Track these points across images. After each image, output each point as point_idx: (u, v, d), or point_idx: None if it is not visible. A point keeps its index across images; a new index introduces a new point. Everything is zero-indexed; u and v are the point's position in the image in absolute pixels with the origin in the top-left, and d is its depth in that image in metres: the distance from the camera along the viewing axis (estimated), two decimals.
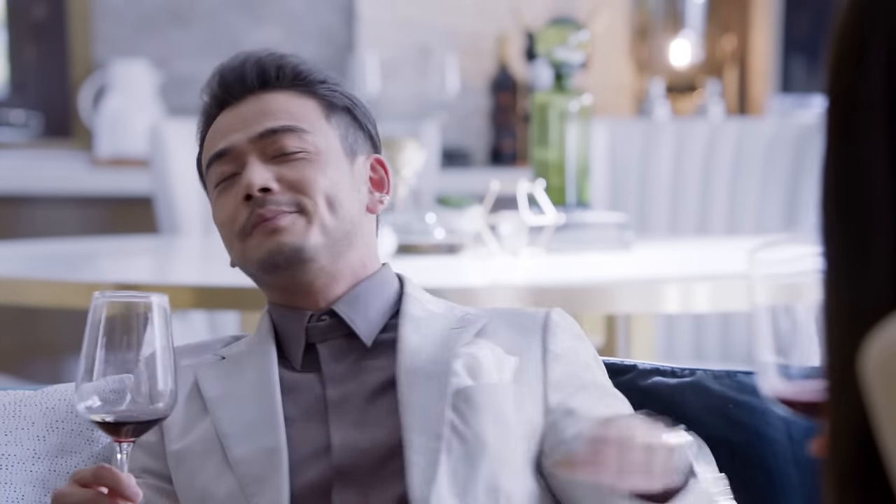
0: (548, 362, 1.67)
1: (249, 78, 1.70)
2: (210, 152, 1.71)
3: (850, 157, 0.89)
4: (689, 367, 1.83)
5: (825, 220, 0.91)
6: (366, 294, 1.69)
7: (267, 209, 1.64)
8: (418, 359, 1.64)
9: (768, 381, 1.13)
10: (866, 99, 0.88)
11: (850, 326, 0.89)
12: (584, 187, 3.04)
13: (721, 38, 4.76)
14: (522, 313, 1.72)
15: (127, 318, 1.47)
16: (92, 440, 1.75)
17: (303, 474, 1.60)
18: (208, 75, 1.74)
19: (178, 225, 3.98)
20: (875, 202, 0.88)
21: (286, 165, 1.67)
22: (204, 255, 3.62)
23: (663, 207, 3.86)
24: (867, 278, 0.88)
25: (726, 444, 1.75)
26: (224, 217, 1.68)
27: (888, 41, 0.88)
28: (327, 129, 1.70)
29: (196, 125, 1.76)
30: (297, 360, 1.68)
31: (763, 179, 3.79)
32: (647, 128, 3.97)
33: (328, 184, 1.67)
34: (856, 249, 0.89)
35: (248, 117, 1.69)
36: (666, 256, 3.20)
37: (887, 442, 0.85)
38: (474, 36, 4.77)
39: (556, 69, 3.07)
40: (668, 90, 4.71)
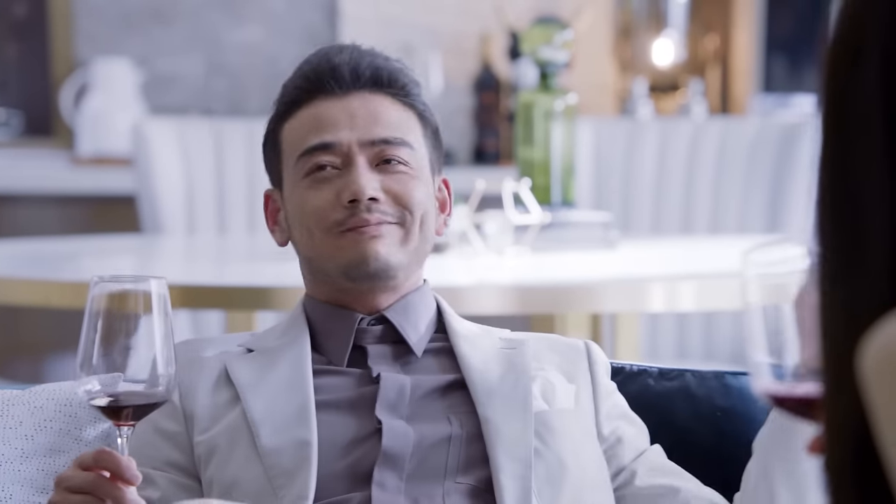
0: (599, 395, 1.71)
1: (363, 76, 1.69)
2: (310, 140, 1.69)
3: (846, 157, 0.89)
4: (678, 369, 1.84)
5: (821, 219, 0.91)
6: (415, 305, 1.71)
7: (373, 216, 1.66)
8: (488, 377, 1.67)
9: (761, 381, 1.13)
10: (861, 99, 0.88)
11: (847, 325, 0.89)
12: (569, 186, 3.04)
13: (703, 38, 4.77)
14: (560, 339, 1.77)
15: (125, 303, 1.48)
16: (80, 439, 1.75)
17: (332, 464, 1.60)
18: (300, 63, 1.71)
19: (162, 224, 3.97)
20: (870, 201, 0.88)
21: (390, 176, 1.68)
22: (187, 255, 3.61)
23: (647, 206, 3.87)
24: (863, 277, 0.88)
25: (714, 451, 1.75)
26: (314, 208, 1.67)
27: (883, 41, 0.88)
28: (424, 147, 1.72)
29: (281, 93, 1.73)
30: (341, 358, 1.69)
31: (746, 178, 3.80)
32: (630, 127, 3.97)
33: (425, 203, 1.70)
34: (852, 248, 0.89)
35: (359, 117, 1.69)
36: (651, 255, 3.20)
37: (884, 440, 0.85)
38: (457, 35, 4.77)
39: (541, 68, 3.07)
40: (650, 89, 4.72)
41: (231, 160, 4.02)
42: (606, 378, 1.74)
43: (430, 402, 1.66)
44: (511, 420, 1.62)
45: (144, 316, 1.47)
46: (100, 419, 1.76)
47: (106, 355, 1.47)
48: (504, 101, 4.74)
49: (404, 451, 1.60)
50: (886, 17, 0.88)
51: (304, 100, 1.71)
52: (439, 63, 4.66)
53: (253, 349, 1.72)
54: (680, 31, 4.76)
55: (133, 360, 1.48)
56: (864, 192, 0.88)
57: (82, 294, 2.80)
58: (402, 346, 1.70)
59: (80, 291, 2.79)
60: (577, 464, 1.63)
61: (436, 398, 1.66)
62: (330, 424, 1.63)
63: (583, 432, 1.67)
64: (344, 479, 1.60)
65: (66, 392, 1.77)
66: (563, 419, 1.66)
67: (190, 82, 4.82)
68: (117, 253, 3.54)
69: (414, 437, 1.61)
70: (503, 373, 1.67)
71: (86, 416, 1.76)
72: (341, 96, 1.69)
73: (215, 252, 3.65)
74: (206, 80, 4.83)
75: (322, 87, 1.69)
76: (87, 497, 1.48)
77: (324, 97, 1.69)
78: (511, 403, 1.64)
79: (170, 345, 1.47)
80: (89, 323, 1.48)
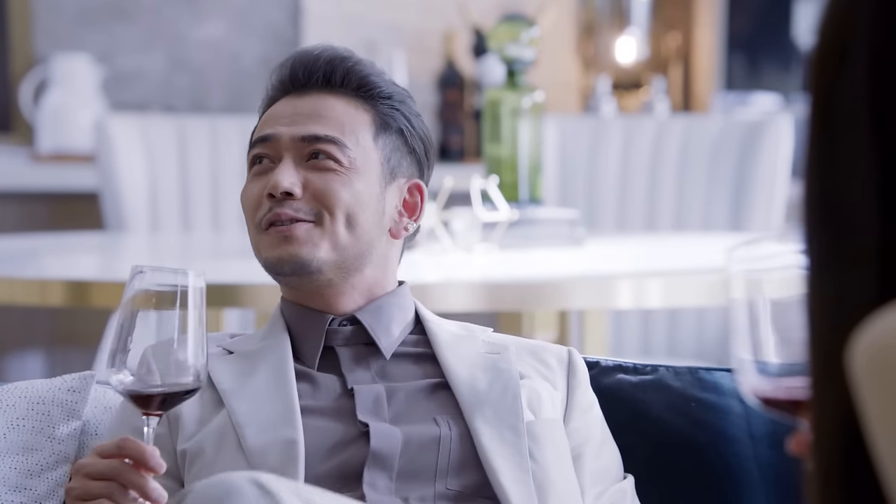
0: (570, 410, 1.71)
1: (316, 75, 1.72)
2: (257, 134, 1.74)
3: (833, 153, 0.90)
4: (651, 364, 1.85)
5: (808, 215, 0.91)
6: (388, 307, 1.72)
7: (284, 211, 1.68)
8: (476, 387, 1.67)
9: (747, 378, 1.13)
10: (849, 95, 0.89)
11: (834, 322, 0.90)
12: (536, 184, 3.05)
13: (666, 36, 4.79)
14: (545, 346, 1.77)
15: (161, 293, 1.48)
16: (54, 437, 1.74)
17: (318, 466, 1.61)
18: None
19: (125, 221, 3.94)
20: (858, 198, 0.88)
21: (315, 173, 1.70)
22: (152, 252, 3.59)
23: (611, 204, 3.88)
24: (851, 274, 0.89)
25: (689, 443, 1.76)
26: (248, 201, 1.72)
27: (870, 38, 0.89)
28: (371, 149, 1.72)
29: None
30: (313, 360, 1.69)
31: (709, 176, 3.82)
32: (594, 125, 3.98)
33: (351, 201, 1.69)
34: (839, 245, 0.90)
35: (300, 114, 1.71)
36: (617, 253, 3.21)
37: (875, 437, 0.86)
38: (420, 32, 4.77)
39: (508, 66, 3.08)
40: (614, 87, 4.73)
41: (195, 157, 4.00)
42: (584, 395, 1.73)
43: (414, 405, 1.66)
44: (504, 430, 1.63)
45: (179, 306, 1.48)
46: (73, 417, 1.76)
47: (138, 344, 1.48)
48: (468, 99, 4.75)
49: (393, 451, 1.60)
50: (873, 13, 0.89)
51: (272, 99, 1.76)
52: (403, 60, 4.66)
53: (233, 351, 1.72)
54: (643, 29, 4.77)
55: (165, 350, 1.48)
56: (851, 188, 0.89)
57: (46, 292, 2.79)
58: (372, 347, 1.70)
59: (43, 289, 2.77)
60: (562, 476, 1.64)
61: (420, 400, 1.66)
62: (314, 428, 1.63)
63: (565, 443, 1.68)
64: (331, 480, 1.60)
65: (38, 390, 1.76)
66: (549, 429, 1.66)
67: (151, 79, 4.79)
68: (80, 250, 3.52)
69: (401, 438, 1.61)
70: (490, 381, 1.67)
71: (59, 413, 1.75)
72: (296, 95, 1.73)
73: (180, 250, 3.64)
74: (168, 77, 4.81)
75: (284, 88, 1.74)
76: (109, 483, 1.48)
77: (285, 97, 1.74)
78: (502, 414, 1.64)
79: (202, 336, 1.49)
80: (124, 311, 1.49)
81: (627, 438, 1.71)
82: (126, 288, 1.50)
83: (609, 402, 1.73)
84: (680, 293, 2.66)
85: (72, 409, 1.76)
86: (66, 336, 4.56)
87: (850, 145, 0.89)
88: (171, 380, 1.49)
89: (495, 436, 1.62)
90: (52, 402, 1.76)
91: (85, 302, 3.00)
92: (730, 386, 1.80)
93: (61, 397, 1.76)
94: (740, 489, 1.74)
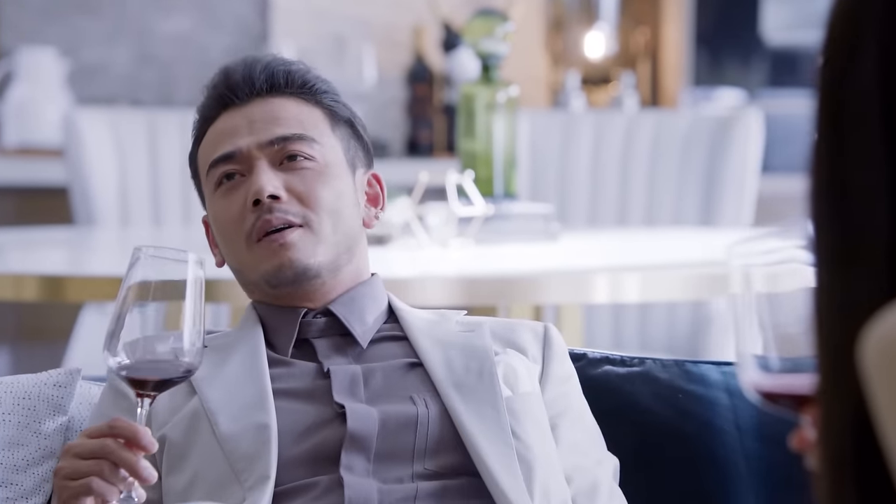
0: (545, 381, 1.71)
1: (258, 81, 1.70)
2: (214, 154, 1.71)
3: (842, 149, 0.90)
4: (638, 356, 1.86)
5: (816, 211, 0.92)
6: (361, 297, 1.71)
7: (275, 216, 1.66)
8: (452, 367, 1.66)
9: (747, 374, 1.13)
10: (858, 91, 0.89)
11: (844, 318, 0.90)
12: (511, 178, 3.05)
13: (634, 31, 4.81)
14: (514, 321, 1.77)
15: (161, 275, 1.48)
16: (40, 433, 1.73)
17: (292, 449, 1.60)
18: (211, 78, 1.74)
19: (95, 216, 3.93)
20: (867, 193, 0.89)
21: (294, 174, 1.69)
22: (122, 246, 3.58)
23: (583, 199, 3.89)
24: (860, 270, 0.89)
25: (676, 435, 1.77)
26: (228, 218, 1.69)
27: (879, 34, 0.89)
28: (333, 141, 1.72)
29: (194, 119, 1.75)
30: (286, 350, 1.69)
31: (680, 171, 3.84)
32: (565, 120, 3.99)
33: (333, 198, 1.69)
34: (848, 241, 0.90)
35: (257, 121, 1.69)
36: (592, 247, 3.22)
37: (885, 431, 0.86)
38: (389, 27, 4.77)
39: (482, 60, 3.08)
40: (582, 82, 4.74)
41: (165, 151, 3.99)
42: (561, 365, 1.72)
43: (389, 384, 1.65)
44: (483, 407, 1.62)
45: (178, 290, 1.48)
46: (59, 412, 1.75)
47: (136, 326, 1.48)
48: (438, 93, 4.75)
49: (370, 432, 1.59)
50: (881, 10, 0.89)
51: (210, 118, 1.73)
52: (372, 55, 4.65)
53: (206, 345, 1.71)
54: (611, 24, 4.79)
55: (162, 333, 1.49)
56: (860, 183, 0.89)
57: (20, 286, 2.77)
58: (348, 337, 1.69)
59: (17, 284, 2.76)
60: (544, 451, 1.63)
61: (396, 379, 1.66)
62: (288, 412, 1.63)
63: (544, 416, 1.67)
64: (306, 463, 1.59)
65: (24, 385, 1.75)
66: (528, 403, 1.65)
67: (118, 72, 4.77)
68: (49, 245, 3.50)
69: (378, 419, 1.61)
70: (466, 360, 1.66)
71: (44, 409, 1.75)
72: (241, 106, 1.71)
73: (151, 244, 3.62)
74: (135, 71, 4.79)
75: (222, 101, 1.72)
76: (99, 462, 1.47)
77: (226, 111, 1.72)
78: (480, 392, 1.64)
79: (200, 321, 1.49)
80: (124, 293, 1.48)
81: (615, 429, 1.72)
82: (126, 269, 1.50)
83: (596, 393, 1.74)
84: (656, 288, 2.68)
85: (58, 404, 1.75)
86: (32, 332, 4.54)
87: (858, 140, 0.89)
88: (166, 362, 1.48)
89: (475, 414, 1.61)
90: (38, 397, 1.75)
91: (59, 297, 2.98)
92: (716, 378, 1.82)
93: (47, 392, 1.75)
94: (727, 480, 1.76)
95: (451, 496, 1.58)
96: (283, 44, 4.64)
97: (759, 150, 3.80)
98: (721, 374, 1.82)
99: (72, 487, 1.49)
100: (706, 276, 2.73)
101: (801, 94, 5.34)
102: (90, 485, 1.48)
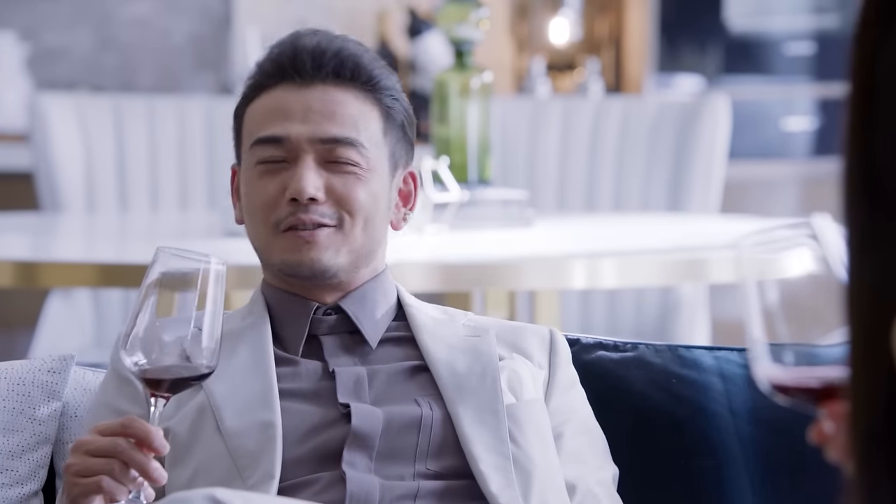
0: (551, 388, 1.71)
1: (326, 67, 1.67)
2: (262, 131, 1.69)
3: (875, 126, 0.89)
4: (631, 342, 1.86)
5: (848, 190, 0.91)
6: (372, 294, 1.71)
7: (309, 217, 1.65)
8: (455, 370, 1.66)
9: (762, 365, 1.12)
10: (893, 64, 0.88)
11: (878, 297, 0.90)
12: (485, 164, 3.06)
13: (598, 17, 4.82)
14: (525, 326, 1.77)
15: (182, 277, 1.48)
16: (34, 418, 1.73)
17: (295, 448, 1.60)
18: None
19: (61, 202, 3.90)
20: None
21: (336, 176, 1.67)
22: (88, 232, 3.55)
23: (552, 185, 3.90)
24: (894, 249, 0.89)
25: (670, 419, 1.78)
26: (261, 201, 1.68)
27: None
28: (382, 146, 1.70)
29: (251, 73, 1.72)
30: (297, 348, 1.69)
31: (648, 157, 3.85)
32: (533, 106, 4.00)
33: (370, 203, 1.68)
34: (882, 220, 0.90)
35: (314, 111, 1.67)
36: (566, 233, 3.23)
37: None
38: (353, 12, 4.75)
39: (456, 46, 3.08)
40: (548, 68, 4.75)
41: (131, 136, 3.96)
42: (566, 372, 1.73)
43: (394, 386, 1.66)
44: (484, 413, 1.63)
45: (199, 292, 1.48)
46: (53, 398, 1.74)
47: (153, 327, 1.48)
48: (403, 79, 4.73)
49: (374, 431, 1.60)
50: None
51: (268, 84, 1.70)
52: None
53: None
54: (576, 10, 4.80)
55: (179, 335, 1.48)
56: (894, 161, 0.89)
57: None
58: (357, 336, 1.70)
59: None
60: (544, 459, 1.64)
61: (400, 382, 1.66)
62: (292, 412, 1.63)
63: (547, 424, 1.68)
64: (310, 461, 1.60)
65: (18, 371, 1.75)
66: (531, 410, 1.66)
67: (78, 57, 4.74)
68: (13, 230, 3.47)
69: (383, 418, 1.61)
70: (470, 364, 1.67)
71: (39, 395, 1.74)
72: (302, 86, 1.67)
73: (117, 230, 3.60)
74: (96, 56, 4.75)
75: (284, 73, 1.68)
76: (110, 460, 1.47)
77: (286, 85, 1.68)
78: (482, 396, 1.64)
79: (218, 322, 1.49)
80: (144, 292, 1.48)
81: (609, 414, 1.73)
82: (149, 267, 1.49)
83: (590, 378, 1.74)
84: (633, 273, 2.69)
85: (52, 390, 1.75)
86: None
87: (891, 120, 0.89)
88: (183, 364, 1.48)
89: (476, 419, 1.62)
90: (33, 383, 1.74)
91: (27, 283, 2.96)
92: (710, 363, 1.83)
93: (41, 378, 1.75)
94: (721, 463, 1.77)
95: (452, 497, 1.59)
96: (247, 29, 4.62)
97: (727, 136, 3.83)
98: (714, 359, 1.83)
99: (82, 485, 1.48)
100: (682, 262, 2.75)
101: (760, 81, 5.37)
102: (101, 483, 1.47)
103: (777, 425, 1.77)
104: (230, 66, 4.71)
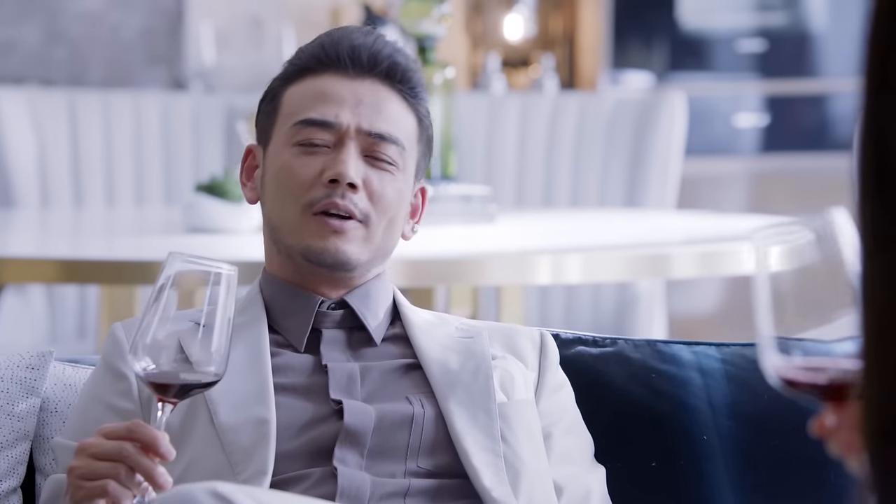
0: (541, 390, 1.73)
1: (379, 66, 1.69)
2: (310, 112, 1.69)
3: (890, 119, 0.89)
4: (611, 337, 1.87)
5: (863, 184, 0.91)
6: (376, 292, 1.72)
7: (343, 203, 1.66)
8: (448, 367, 1.67)
9: (771, 359, 1.13)
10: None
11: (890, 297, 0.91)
12: (448, 160, 3.06)
13: (552, 14, 4.84)
14: (513, 327, 1.78)
15: (193, 283, 1.47)
16: (13, 415, 1.71)
17: (289, 443, 1.61)
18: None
19: (14, 197, 3.86)
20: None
21: (375, 171, 1.69)
22: (42, 228, 3.53)
23: (510, 181, 3.91)
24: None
25: (650, 414, 1.79)
26: (296, 180, 1.68)
27: None
28: (413, 152, 1.73)
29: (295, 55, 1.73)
30: (300, 341, 1.69)
31: (605, 153, 3.87)
32: (490, 102, 4.01)
33: (397, 204, 1.70)
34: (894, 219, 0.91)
35: (366, 103, 1.69)
36: (530, 229, 3.24)
37: None
38: (307, 7, 4.74)
39: (418, 42, 3.08)
40: (503, 65, 4.76)
41: (84, 131, 3.93)
42: (555, 375, 1.75)
43: (387, 384, 1.66)
44: (477, 412, 1.64)
45: (209, 299, 1.47)
46: (32, 394, 1.73)
47: (165, 331, 1.47)
48: None
49: (366, 427, 1.60)
50: None
51: (315, 69, 1.70)
52: (292, 36, 4.62)
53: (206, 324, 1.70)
54: (530, 7, 4.81)
55: (188, 341, 1.48)
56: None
57: None
58: (358, 332, 1.70)
59: None
60: (533, 458, 1.65)
61: (393, 379, 1.67)
62: (286, 406, 1.63)
63: (537, 424, 1.69)
64: (302, 457, 1.60)
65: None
66: (521, 410, 1.67)
67: (26, 51, 4.69)
68: None
69: (375, 416, 1.62)
70: (462, 362, 1.68)
71: (17, 391, 1.72)
72: (353, 78, 1.69)
73: (71, 226, 3.58)
74: (44, 50, 4.71)
75: (338, 62, 1.69)
76: (115, 465, 1.46)
77: (335, 73, 1.69)
78: (474, 395, 1.65)
79: (227, 329, 1.48)
80: (154, 296, 1.47)
81: (588, 409, 1.73)
82: (160, 272, 1.49)
83: (570, 373, 1.75)
84: (597, 269, 2.70)
85: (31, 386, 1.73)
86: None
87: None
88: (191, 370, 1.48)
89: (468, 417, 1.63)
90: (11, 378, 1.72)
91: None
92: (688, 358, 1.84)
93: (20, 374, 1.73)
94: (700, 458, 1.78)
95: (443, 495, 1.60)
96: (200, 24, 4.60)
97: (683, 133, 3.85)
98: (693, 354, 1.84)
99: (87, 488, 1.47)
100: (644, 258, 2.76)
101: (709, 77, 5.41)
102: (106, 487, 1.46)
103: (756, 420, 1.79)
104: (183, 61, 4.68)
